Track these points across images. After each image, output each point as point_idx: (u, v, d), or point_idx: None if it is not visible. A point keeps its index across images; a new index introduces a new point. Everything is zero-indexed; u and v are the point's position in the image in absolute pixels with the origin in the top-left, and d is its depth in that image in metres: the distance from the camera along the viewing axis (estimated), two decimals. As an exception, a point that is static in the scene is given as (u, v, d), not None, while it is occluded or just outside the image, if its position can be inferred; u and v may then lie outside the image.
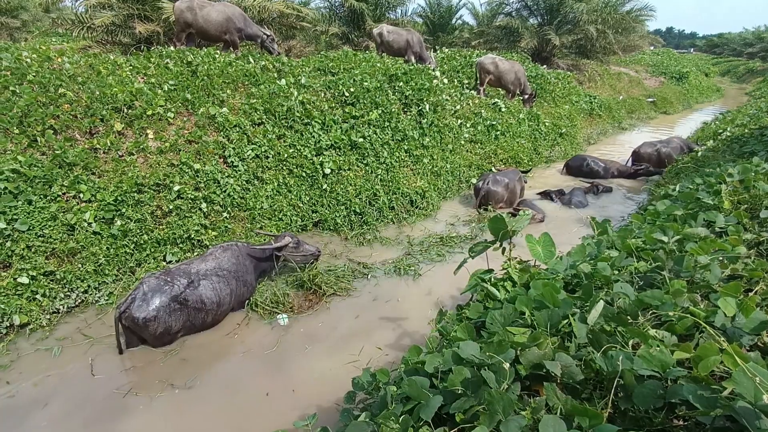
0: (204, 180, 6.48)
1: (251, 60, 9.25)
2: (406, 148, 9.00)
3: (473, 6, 27.33)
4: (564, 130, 14.02)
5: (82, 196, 5.57)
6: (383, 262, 6.46)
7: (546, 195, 9.53)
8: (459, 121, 10.76)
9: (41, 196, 5.34)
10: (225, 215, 6.53)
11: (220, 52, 9.34)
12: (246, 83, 8.41)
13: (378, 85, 9.40)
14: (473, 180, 9.73)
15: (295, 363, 4.43)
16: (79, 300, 5.19)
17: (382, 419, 1.69)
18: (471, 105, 11.70)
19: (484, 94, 12.69)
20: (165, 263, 5.84)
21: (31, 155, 5.56)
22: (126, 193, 5.77)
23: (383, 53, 13.09)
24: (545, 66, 18.61)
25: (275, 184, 7.18)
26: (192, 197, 6.26)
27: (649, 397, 1.47)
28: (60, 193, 5.48)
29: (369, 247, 6.99)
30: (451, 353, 1.89)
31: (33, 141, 5.74)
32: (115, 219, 5.65)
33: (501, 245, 3.01)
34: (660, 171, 11.07)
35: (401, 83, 9.94)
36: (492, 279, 2.87)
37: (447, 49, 17.17)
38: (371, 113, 8.72)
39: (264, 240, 6.26)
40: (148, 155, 6.39)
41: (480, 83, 12.74)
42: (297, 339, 4.78)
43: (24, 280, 4.87)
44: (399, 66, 10.86)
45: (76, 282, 5.20)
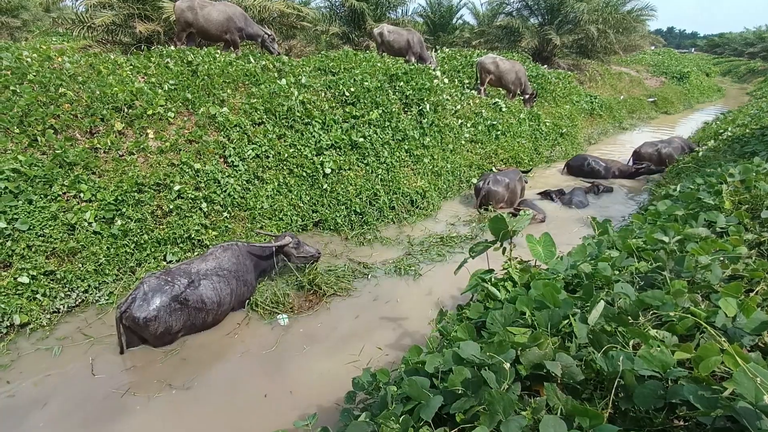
0: (204, 180, 6.48)
1: (252, 60, 9.25)
2: (406, 147, 9.00)
3: (474, 6, 27.38)
4: (565, 130, 14.01)
5: (82, 195, 5.57)
6: (383, 262, 6.46)
7: (546, 195, 9.52)
8: (459, 121, 10.75)
9: (42, 195, 5.34)
10: (225, 215, 6.53)
11: (220, 51, 9.34)
12: (246, 83, 8.41)
13: (378, 85, 9.40)
14: (474, 180, 9.73)
15: (295, 363, 4.43)
16: (80, 299, 5.20)
17: (382, 419, 1.69)
18: (471, 105, 11.70)
19: (484, 93, 12.69)
20: (165, 263, 5.84)
21: (32, 155, 5.57)
22: (126, 193, 5.78)
23: (384, 53, 13.09)
24: (546, 66, 18.61)
25: (275, 183, 7.18)
26: (192, 197, 6.27)
27: (650, 398, 1.47)
28: (60, 193, 5.48)
29: (369, 247, 6.99)
30: (452, 353, 1.89)
31: (33, 140, 5.74)
32: (116, 218, 5.65)
33: (501, 245, 3.01)
34: (661, 169, 11.07)
35: (402, 83, 9.94)
36: (492, 279, 2.87)
37: (447, 49, 17.17)
38: (372, 113, 8.71)
39: (264, 240, 6.26)
40: (148, 155, 6.39)
41: (481, 83, 12.74)
42: (297, 339, 4.78)
43: (24, 279, 4.87)
44: (399, 66, 10.85)
45: (76, 281, 5.21)
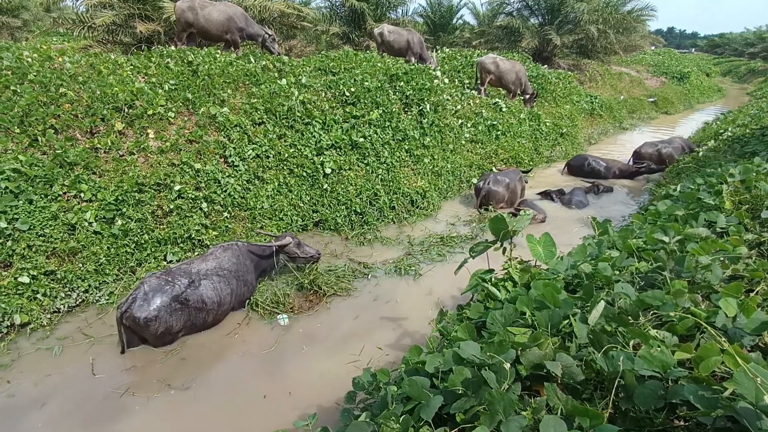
0: (205, 180, 6.48)
1: (252, 60, 9.25)
2: (406, 147, 8.99)
3: (474, 6, 27.39)
4: (565, 130, 14.00)
5: (82, 195, 5.58)
6: (384, 262, 6.46)
7: (546, 195, 9.52)
8: (460, 121, 10.75)
9: (42, 195, 5.34)
10: (226, 215, 6.53)
11: (221, 51, 9.34)
12: (247, 83, 8.41)
13: (379, 85, 9.40)
14: (474, 180, 9.73)
15: (296, 363, 4.43)
16: (80, 299, 5.20)
17: (382, 419, 1.69)
18: (472, 105, 11.70)
19: (485, 93, 12.68)
20: (166, 263, 5.85)
21: (32, 155, 5.57)
22: (127, 193, 5.78)
23: (384, 53, 13.09)
24: (546, 66, 18.61)
25: (276, 183, 7.18)
26: (193, 197, 6.27)
27: (650, 398, 1.47)
28: (61, 193, 5.48)
29: (369, 247, 6.99)
30: (452, 353, 1.89)
31: (34, 140, 5.75)
32: (116, 218, 5.65)
33: (502, 245, 3.01)
34: (662, 168, 11.06)
35: (402, 83, 9.94)
36: (493, 279, 2.87)
37: (448, 49, 17.17)
38: (372, 113, 8.71)
39: (265, 240, 6.26)
40: (148, 155, 6.39)
41: (481, 83, 12.74)
42: (297, 339, 4.78)
43: (25, 279, 4.87)
44: (400, 66, 10.85)
45: (76, 281, 5.21)
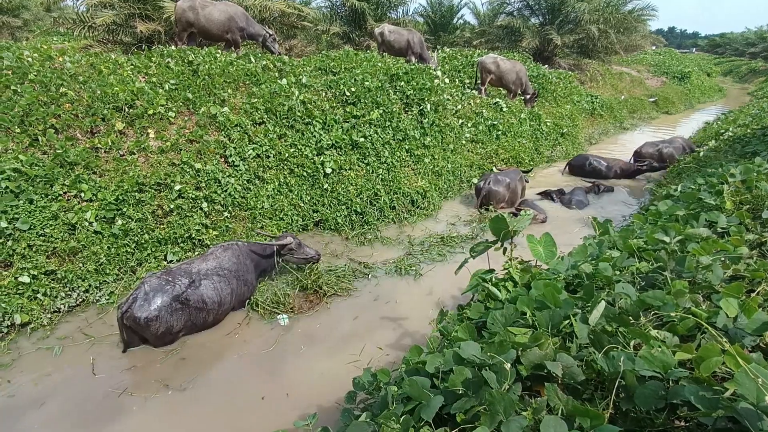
0: (205, 179, 6.49)
1: (252, 59, 9.25)
2: (407, 147, 8.99)
3: (474, 5, 27.32)
4: (565, 129, 13.99)
5: (83, 195, 5.58)
6: (384, 261, 6.46)
7: (546, 195, 9.50)
8: (460, 121, 10.75)
9: (42, 195, 5.34)
10: (226, 215, 6.53)
11: (221, 51, 9.34)
12: (247, 83, 8.41)
13: (379, 85, 9.39)
14: (474, 180, 9.72)
15: (295, 363, 4.43)
16: (80, 299, 5.20)
17: (383, 419, 1.69)
18: (472, 105, 11.70)
19: (485, 93, 12.68)
20: (166, 263, 5.85)
21: (33, 154, 5.57)
22: (127, 193, 5.78)
23: (384, 53, 13.08)
24: (547, 66, 18.61)
25: (276, 183, 7.18)
26: (193, 197, 6.27)
27: (651, 398, 1.47)
28: (61, 193, 5.49)
29: (370, 247, 6.99)
30: (452, 353, 1.89)
31: (34, 140, 5.75)
32: (116, 218, 5.65)
33: (502, 245, 3.01)
34: (664, 166, 11.04)
35: (402, 83, 9.94)
36: (493, 279, 2.87)
37: (448, 49, 17.16)
38: (372, 113, 8.71)
39: (265, 240, 6.26)
40: (149, 154, 6.39)
41: (481, 83, 12.73)
42: (297, 339, 4.78)
43: (25, 279, 4.87)
44: (400, 66, 10.85)
45: (77, 281, 5.21)
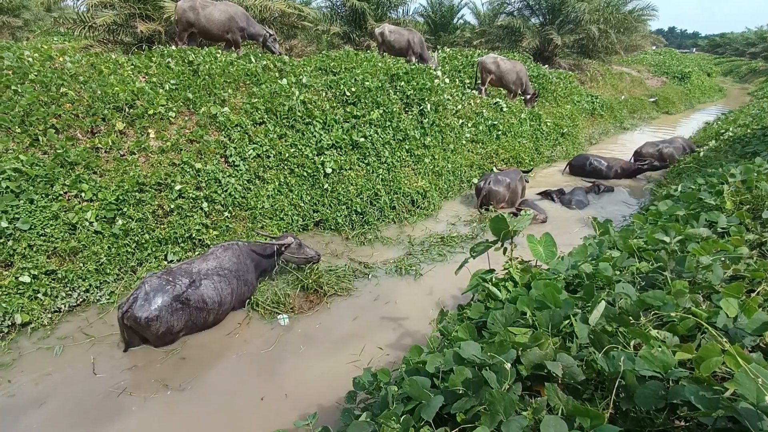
0: (205, 179, 6.49)
1: (252, 59, 9.26)
2: (407, 147, 8.99)
3: (475, 5, 27.29)
4: (566, 129, 13.99)
5: (83, 195, 5.58)
6: (384, 261, 6.46)
7: (546, 195, 9.49)
8: (460, 121, 10.75)
9: (43, 195, 5.35)
10: (226, 215, 6.53)
11: (221, 51, 9.34)
12: (247, 83, 8.41)
13: (379, 85, 9.39)
14: (474, 180, 9.72)
15: (295, 363, 4.43)
16: (81, 299, 5.20)
17: (383, 419, 1.69)
18: (472, 105, 11.69)
19: (485, 93, 12.67)
20: (166, 262, 5.85)
21: (33, 154, 5.58)
22: (127, 193, 5.78)
23: (384, 53, 13.08)
24: (547, 66, 18.61)
25: (276, 183, 7.18)
26: (193, 197, 6.27)
27: (651, 398, 1.47)
28: (61, 192, 5.49)
29: (370, 247, 6.99)
30: (453, 353, 1.89)
31: (35, 140, 5.75)
32: (117, 218, 5.66)
33: (502, 245, 3.01)
34: (665, 165, 11.01)
35: (403, 83, 9.94)
36: (493, 279, 2.87)
37: (448, 49, 17.16)
38: (372, 113, 8.71)
39: (266, 240, 6.26)
40: (149, 154, 6.40)
41: (482, 83, 12.73)
42: (297, 339, 4.78)
43: (26, 279, 4.88)
44: (400, 66, 10.85)
45: (77, 281, 5.21)
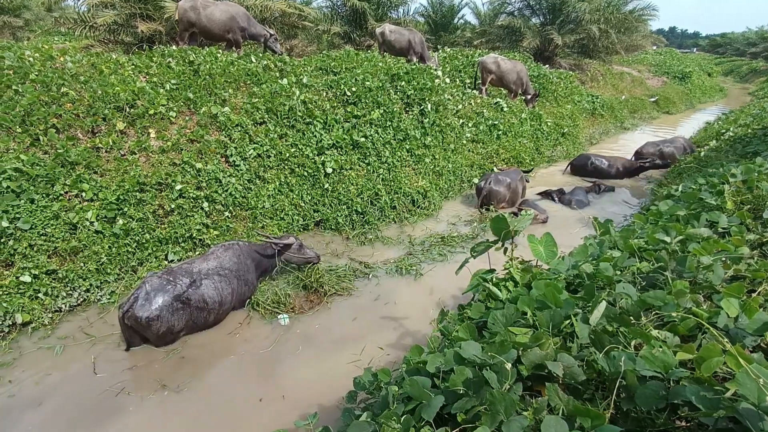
0: (206, 179, 6.49)
1: (253, 59, 9.26)
2: (407, 147, 8.99)
3: (475, 5, 27.27)
4: (566, 129, 13.98)
5: (84, 194, 5.59)
6: (385, 261, 6.46)
7: (546, 195, 9.48)
8: (461, 121, 10.74)
9: (43, 194, 5.35)
10: (227, 214, 6.53)
11: (222, 51, 9.34)
12: (248, 82, 8.42)
13: (380, 85, 9.39)
14: (475, 180, 9.71)
15: (295, 363, 4.43)
16: (81, 299, 5.21)
17: (383, 419, 1.69)
18: (473, 105, 11.69)
19: (486, 93, 12.67)
20: (167, 262, 5.85)
21: (34, 154, 5.58)
22: (128, 192, 5.78)
23: (385, 53, 13.08)
24: (547, 65, 18.60)
25: (277, 183, 7.18)
26: (194, 196, 6.27)
27: (652, 398, 1.47)
28: (62, 192, 5.49)
29: (370, 247, 6.99)
30: (453, 353, 1.89)
31: (35, 140, 5.76)
32: (117, 218, 5.66)
33: (503, 245, 3.01)
34: (667, 164, 10.97)
35: (403, 83, 9.94)
36: (494, 279, 2.86)
37: (449, 49, 17.15)
38: (373, 113, 8.71)
39: (263, 241, 6.26)
40: (150, 154, 6.40)
41: (482, 83, 12.72)
42: (297, 339, 4.78)
43: (26, 278, 4.88)
44: (401, 65, 10.84)
45: (78, 281, 5.21)
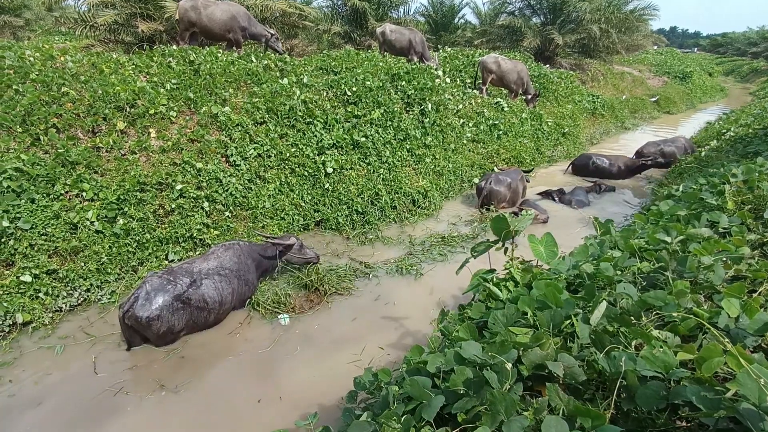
0: (206, 179, 6.49)
1: (254, 59, 9.26)
2: (408, 147, 8.99)
3: (476, 5, 27.31)
4: (567, 129, 13.98)
5: (84, 194, 5.59)
6: (385, 261, 6.45)
7: (547, 195, 9.48)
8: (461, 121, 10.74)
9: (44, 194, 5.35)
10: (227, 214, 6.54)
11: (222, 51, 9.34)
12: (248, 82, 8.42)
13: (380, 85, 9.39)
14: (475, 179, 9.70)
15: (295, 363, 4.43)
16: (82, 298, 5.21)
17: (384, 419, 1.69)
18: (473, 104, 11.68)
19: (486, 93, 12.67)
20: (167, 262, 5.85)
21: (34, 154, 5.58)
22: (128, 192, 5.79)
23: (385, 52, 13.08)
24: (548, 65, 18.60)
25: (277, 183, 7.18)
26: (194, 196, 6.27)
27: (652, 398, 1.47)
28: (63, 192, 5.49)
29: (371, 247, 6.99)
30: (453, 353, 1.89)
31: (36, 139, 5.76)
32: (118, 218, 5.66)
33: (503, 245, 3.00)
34: (669, 162, 10.93)
35: (403, 82, 9.93)
36: (494, 279, 2.86)
37: (449, 49, 17.14)
38: (373, 112, 8.71)
39: (263, 241, 6.26)
40: (150, 154, 6.40)
41: (483, 83, 12.72)
42: (297, 339, 4.78)
43: (27, 278, 4.88)
44: (401, 65, 10.85)
45: (78, 280, 5.22)
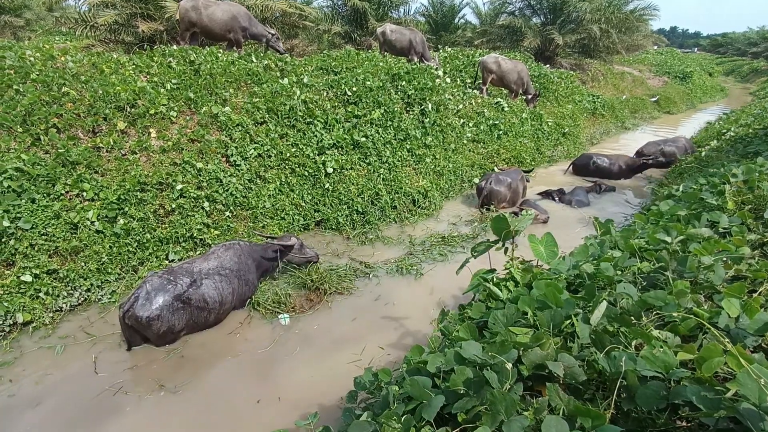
0: (206, 179, 6.49)
1: (254, 59, 9.26)
2: (408, 147, 8.99)
3: (476, 5, 27.22)
4: (567, 129, 13.98)
5: (85, 194, 5.59)
6: (385, 261, 6.45)
7: (547, 195, 9.48)
8: (461, 121, 10.74)
9: (44, 194, 5.35)
10: (227, 214, 6.54)
11: (223, 51, 9.35)
12: (249, 82, 8.42)
13: (380, 85, 9.39)
14: (476, 179, 9.70)
15: (295, 363, 4.43)
16: (82, 298, 5.21)
17: (384, 419, 1.69)
18: (474, 104, 11.68)
19: (486, 93, 12.67)
20: (167, 262, 5.85)
21: (35, 154, 5.59)
22: (129, 192, 5.79)
23: (386, 52, 13.08)
24: (548, 65, 18.59)
25: (278, 183, 7.18)
26: (194, 196, 6.28)
27: (653, 398, 1.47)
28: (63, 192, 5.50)
29: (371, 247, 6.99)
30: (454, 353, 1.89)
31: (36, 139, 5.76)
32: (118, 217, 5.66)
33: (503, 245, 3.01)
34: (670, 161, 10.91)
35: (404, 82, 9.94)
36: (494, 279, 2.87)
37: (450, 49, 17.15)
38: (374, 112, 8.71)
39: (265, 241, 6.27)
40: (150, 154, 6.41)
41: (483, 82, 12.72)
42: (297, 339, 4.78)
43: (27, 278, 4.88)
44: (402, 65, 10.85)
45: (78, 280, 5.22)
